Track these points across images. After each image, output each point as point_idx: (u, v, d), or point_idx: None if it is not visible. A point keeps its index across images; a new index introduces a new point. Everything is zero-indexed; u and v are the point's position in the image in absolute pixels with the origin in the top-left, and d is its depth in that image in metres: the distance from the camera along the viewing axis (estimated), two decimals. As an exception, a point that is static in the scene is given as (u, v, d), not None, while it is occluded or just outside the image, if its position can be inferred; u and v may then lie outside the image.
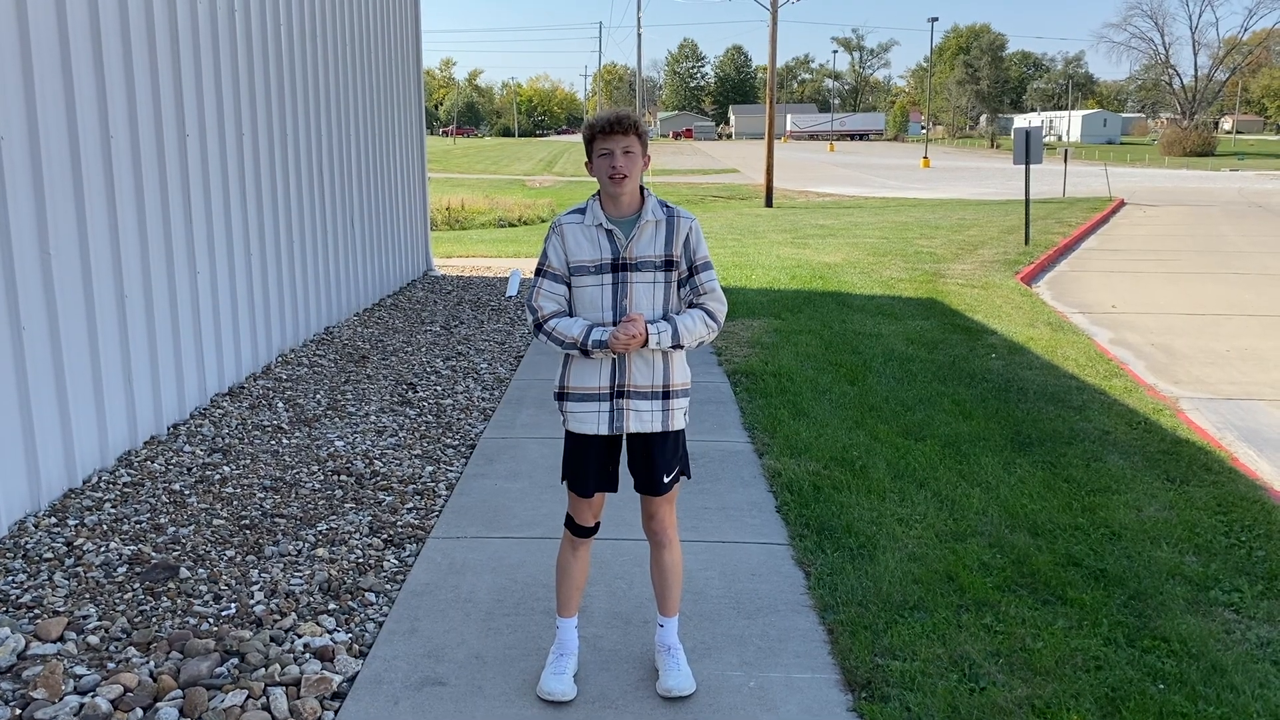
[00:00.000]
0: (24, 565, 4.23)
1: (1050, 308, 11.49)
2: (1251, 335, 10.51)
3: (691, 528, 4.69)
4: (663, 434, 3.27)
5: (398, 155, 11.81)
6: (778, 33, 31.18)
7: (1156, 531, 4.74)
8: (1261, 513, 5.00)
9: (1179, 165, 60.59)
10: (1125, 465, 5.72)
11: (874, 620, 3.81)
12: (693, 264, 3.24)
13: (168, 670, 3.43)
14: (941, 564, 4.31)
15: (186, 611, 3.87)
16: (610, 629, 3.78)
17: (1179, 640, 3.70)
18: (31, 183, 4.89)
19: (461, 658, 3.58)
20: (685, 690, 3.31)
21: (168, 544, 4.48)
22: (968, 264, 15.06)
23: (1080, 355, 8.68)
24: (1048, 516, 4.89)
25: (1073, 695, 3.33)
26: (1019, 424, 6.47)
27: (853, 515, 4.85)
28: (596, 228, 3.19)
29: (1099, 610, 3.93)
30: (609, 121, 3.12)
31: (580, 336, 3.15)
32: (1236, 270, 15.41)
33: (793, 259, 15.47)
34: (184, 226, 6.43)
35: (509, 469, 5.61)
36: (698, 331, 3.21)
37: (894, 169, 54.92)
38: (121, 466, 5.46)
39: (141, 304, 5.89)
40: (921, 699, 3.29)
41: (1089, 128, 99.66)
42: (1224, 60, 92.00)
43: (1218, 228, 22.15)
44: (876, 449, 5.90)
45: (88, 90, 5.36)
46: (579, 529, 3.38)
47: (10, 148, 4.72)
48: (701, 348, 8.71)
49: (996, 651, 3.60)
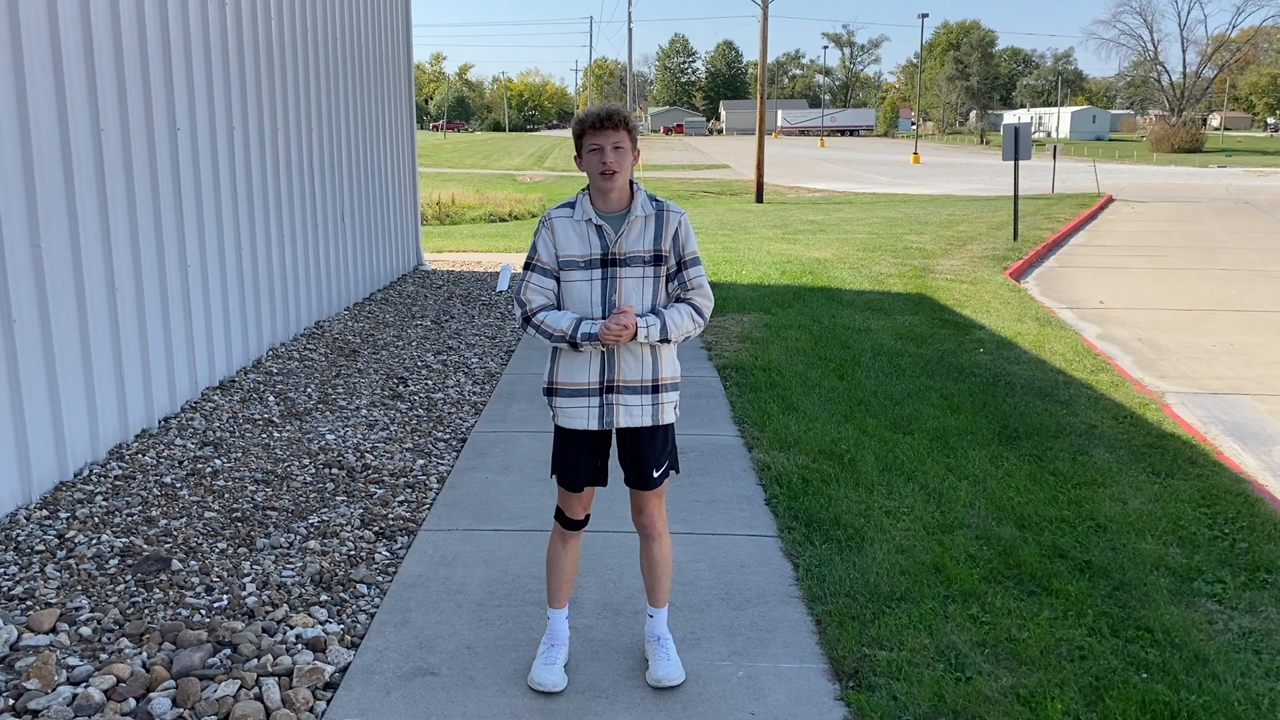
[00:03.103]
0: (15, 557, 4.24)
1: (1038, 303, 11.55)
2: (1237, 331, 10.59)
3: (681, 520, 4.73)
4: (652, 429, 3.29)
5: (388, 150, 11.80)
6: (768, 28, 31.21)
7: (1141, 524, 4.79)
8: (1245, 505, 5.05)
9: (1167, 162, 60.83)
10: (1111, 459, 5.77)
11: (861, 611, 3.85)
12: (681, 259, 3.25)
13: (160, 661, 3.44)
14: (929, 556, 4.35)
15: (179, 603, 3.89)
16: (601, 620, 3.81)
17: (1162, 630, 3.75)
18: (22, 176, 4.89)
19: (453, 648, 3.60)
20: (675, 680, 3.34)
21: (159, 536, 4.49)
22: (957, 259, 15.13)
23: (1067, 350, 8.74)
24: (1034, 509, 4.94)
25: (1057, 684, 3.38)
26: (1006, 418, 6.52)
27: (841, 508, 4.89)
28: (586, 223, 3.19)
29: (1084, 601, 3.97)
30: (599, 117, 3.12)
31: (569, 329, 3.15)
32: (1223, 266, 15.51)
33: (783, 254, 15.51)
34: (175, 220, 6.43)
35: (500, 462, 5.64)
36: (685, 327, 3.23)
37: (884, 165, 55.02)
38: (113, 459, 5.47)
39: (132, 297, 5.90)
40: (908, 688, 3.32)
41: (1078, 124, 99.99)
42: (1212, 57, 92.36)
43: (1205, 224, 22.27)
44: (865, 442, 5.94)
45: (78, 84, 5.35)
46: (569, 522, 3.40)
47: (1, 141, 4.72)
48: (689, 341, 8.74)
49: (982, 641, 3.64)
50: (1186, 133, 76.78)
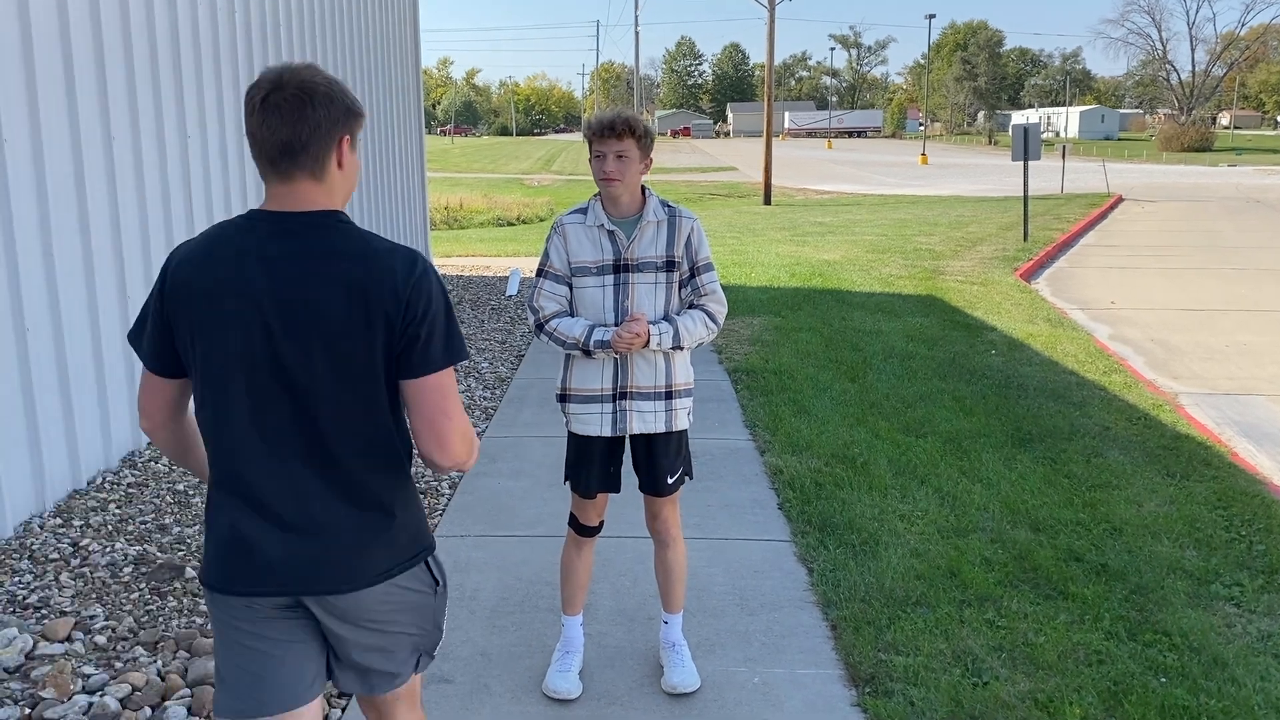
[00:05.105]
0: (30, 566, 4.25)
1: (1049, 304, 11.51)
2: (1249, 331, 10.53)
3: (694, 525, 4.72)
4: (666, 435, 3.28)
5: (397, 155, 11.83)
6: (775, 30, 31.19)
7: (1157, 526, 4.76)
8: (1261, 507, 5.02)
9: (1177, 161, 60.63)
10: (1125, 461, 5.74)
11: (877, 616, 3.83)
12: (694, 265, 3.23)
13: (175, 669, 3.45)
14: (943, 560, 4.33)
15: (193, 611, 3.89)
16: (615, 626, 3.81)
17: (1180, 634, 3.72)
18: (34, 184, 4.90)
19: (467, 655, 3.60)
20: (690, 687, 3.33)
21: (173, 544, 4.50)
22: (967, 261, 15.09)
23: (1079, 351, 8.71)
24: (1049, 512, 4.92)
25: (1075, 689, 3.36)
26: (1019, 420, 6.49)
27: (854, 512, 4.87)
28: (598, 228, 3.18)
29: (1100, 605, 3.95)
30: (602, 125, 3.08)
31: (582, 337, 3.14)
32: (1234, 266, 15.44)
33: (792, 257, 15.49)
34: (186, 226, 6.45)
35: (512, 468, 5.63)
36: (698, 333, 3.22)
37: (892, 166, 54.94)
38: (125, 467, 5.48)
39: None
40: (925, 694, 3.31)
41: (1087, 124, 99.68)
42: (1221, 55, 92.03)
43: (1215, 223, 22.18)
44: (877, 446, 5.92)
45: (89, 91, 5.37)
46: (582, 529, 3.39)
47: (13, 150, 4.74)
48: (701, 347, 8.73)
49: (999, 646, 3.62)
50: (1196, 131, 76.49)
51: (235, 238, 1.91)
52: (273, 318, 1.87)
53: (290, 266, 1.87)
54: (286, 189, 1.91)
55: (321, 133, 1.89)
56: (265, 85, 1.87)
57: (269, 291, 1.87)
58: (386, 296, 1.87)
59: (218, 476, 1.96)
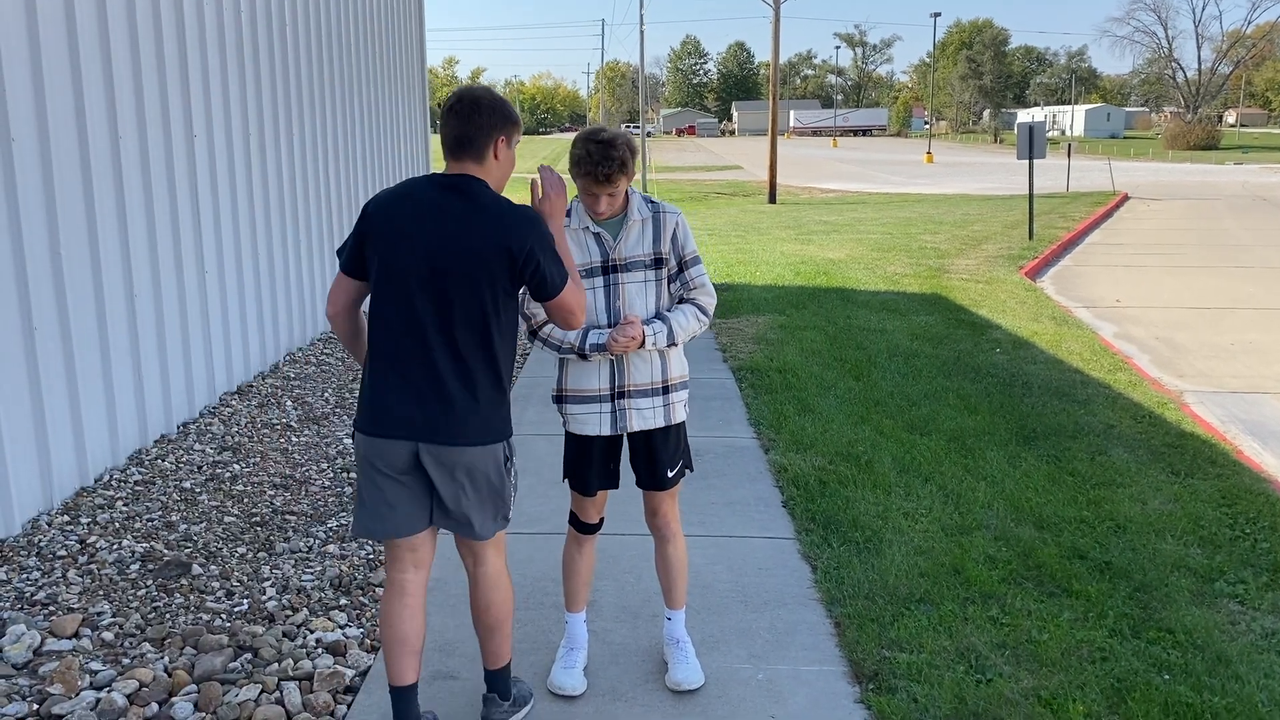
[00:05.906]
0: (38, 563, 4.27)
1: (1054, 302, 11.50)
2: (1255, 329, 10.52)
3: (698, 522, 4.73)
4: (665, 429, 3.29)
5: (403, 154, 11.84)
6: (780, 29, 31.17)
7: (1161, 524, 4.76)
8: (1266, 505, 5.02)
9: (1183, 159, 60.49)
10: (1130, 459, 5.74)
11: (881, 613, 3.84)
12: (681, 259, 3.23)
13: (182, 665, 3.47)
14: (947, 557, 4.34)
15: (199, 608, 3.91)
16: (619, 623, 3.82)
17: (1184, 632, 3.73)
18: (42, 184, 4.93)
19: (472, 652, 3.61)
20: (694, 683, 3.34)
21: (179, 541, 4.52)
22: (972, 259, 15.07)
23: (1084, 349, 8.70)
24: (1053, 510, 4.92)
25: (1079, 686, 3.36)
26: (1024, 418, 6.49)
27: (859, 509, 4.88)
28: (584, 231, 3.17)
29: (1104, 602, 3.95)
30: (596, 173, 2.99)
31: (576, 340, 3.15)
32: (1240, 264, 15.41)
33: (797, 255, 15.48)
34: (193, 226, 6.47)
35: (516, 466, 5.64)
36: (691, 327, 3.23)
37: (897, 164, 54.88)
38: (132, 465, 5.50)
39: (151, 303, 5.93)
40: (928, 690, 3.32)
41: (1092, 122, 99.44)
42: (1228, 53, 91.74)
43: (1221, 222, 22.13)
44: (882, 444, 5.93)
45: (96, 92, 5.39)
46: (583, 526, 3.40)
47: (21, 150, 4.76)
48: (704, 343, 8.74)
49: (1002, 643, 3.63)
50: (1202, 130, 76.28)
51: (415, 187, 2.73)
52: (435, 244, 2.65)
53: (449, 210, 2.68)
54: (457, 167, 2.76)
55: (484, 132, 2.72)
56: (453, 98, 2.73)
57: (434, 227, 2.66)
58: (514, 242, 2.66)
59: (375, 352, 2.75)
